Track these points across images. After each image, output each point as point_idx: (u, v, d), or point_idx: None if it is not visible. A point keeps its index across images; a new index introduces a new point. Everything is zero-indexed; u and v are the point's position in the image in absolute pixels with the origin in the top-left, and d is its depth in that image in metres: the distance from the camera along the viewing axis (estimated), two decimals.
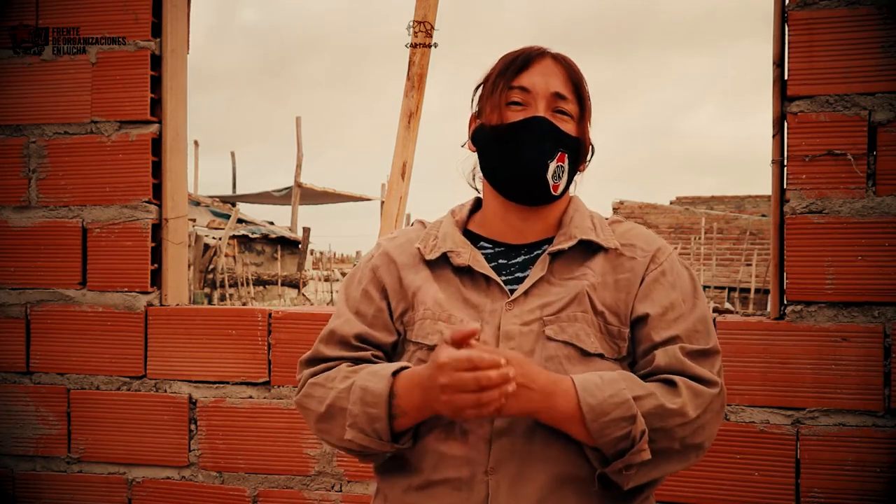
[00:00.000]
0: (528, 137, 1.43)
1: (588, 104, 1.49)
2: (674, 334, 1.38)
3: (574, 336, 1.38)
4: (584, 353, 1.38)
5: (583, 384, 1.31)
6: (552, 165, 1.43)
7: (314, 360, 1.48)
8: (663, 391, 1.32)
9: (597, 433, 1.29)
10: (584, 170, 1.53)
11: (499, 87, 1.46)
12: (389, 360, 1.47)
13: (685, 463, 1.36)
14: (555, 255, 1.44)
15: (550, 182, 1.44)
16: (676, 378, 1.34)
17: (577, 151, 1.48)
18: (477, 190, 1.57)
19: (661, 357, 1.36)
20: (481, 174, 1.52)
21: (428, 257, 1.47)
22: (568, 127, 1.45)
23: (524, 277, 1.44)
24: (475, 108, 1.53)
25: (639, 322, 1.40)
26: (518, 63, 1.46)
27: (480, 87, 1.51)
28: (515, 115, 1.44)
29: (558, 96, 1.45)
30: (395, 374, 1.36)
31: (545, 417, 1.31)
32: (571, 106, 1.46)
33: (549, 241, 1.47)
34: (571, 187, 1.52)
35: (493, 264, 1.46)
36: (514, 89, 1.45)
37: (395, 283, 1.48)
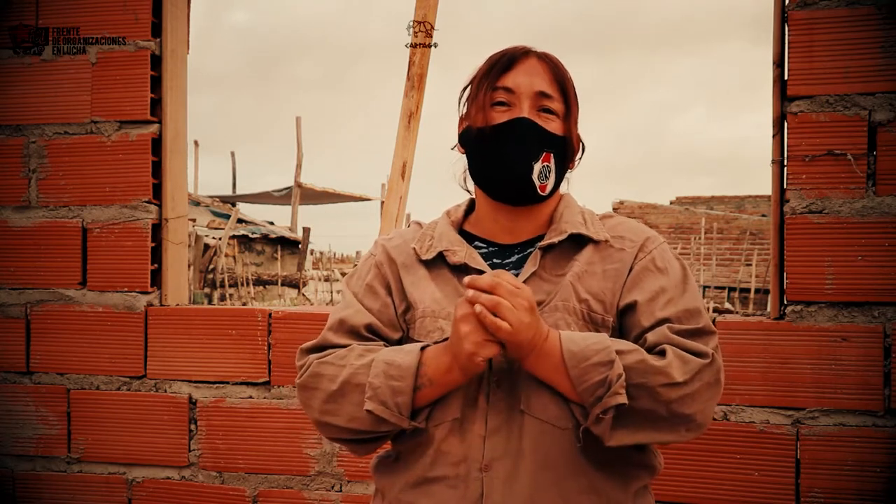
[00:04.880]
0: (512, 139, 1.43)
1: (574, 102, 1.48)
2: (663, 317, 1.38)
3: (553, 326, 1.38)
4: None
5: (566, 335, 1.34)
6: (537, 166, 1.43)
7: (321, 348, 1.47)
8: (650, 354, 1.33)
9: (577, 379, 1.30)
10: (573, 167, 1.53)
11: (483, 88, 1.46)
12: None
13: (674, 434, 1.34)
14: (546, 250, 1.45)
15: (537, 182, 1.44)
16: (666, 346, 1.34)
17: (564, 150, 1.47)
18: (469, 191, 1.58)
19: (651, 337, 1.36)
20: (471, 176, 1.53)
21: (424, 257, 1.48)
22: (553, 126, 1.45)
23: (517, 275, 1.44)
24: (463, 110, 1.52)
25: (627, 310, 1.40)
26: (502, 63, 1.46)
27: (467, 89, 1.51)
28: (500, 117, 1.44)
29: (543, 95, 1.44)
30: (423, 348, 1.38)
31: (532, 360, 1.33)
32: (557, 104, 1.46)
33: (542, 238, 1.48)
34: (563, 184, 1.52)
35: (488, 263, 1.47)
36: (498, 90, 1.45)
37: (396, 282, 1.49)
